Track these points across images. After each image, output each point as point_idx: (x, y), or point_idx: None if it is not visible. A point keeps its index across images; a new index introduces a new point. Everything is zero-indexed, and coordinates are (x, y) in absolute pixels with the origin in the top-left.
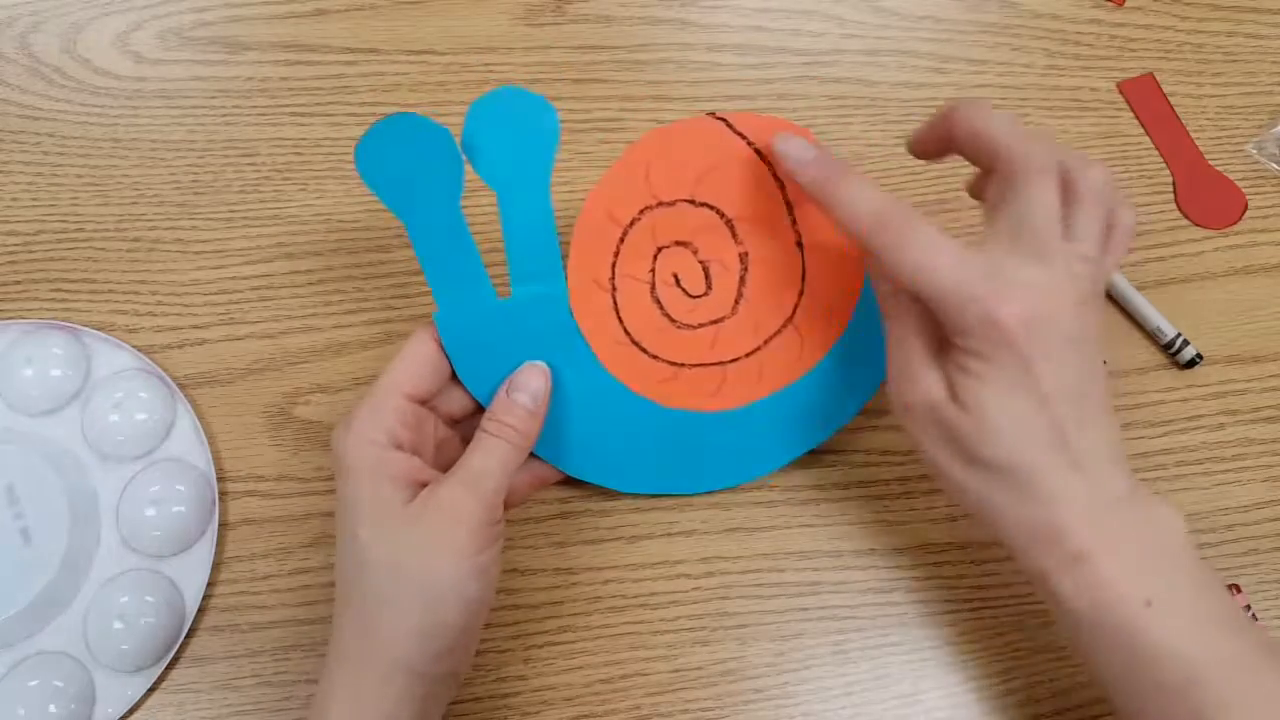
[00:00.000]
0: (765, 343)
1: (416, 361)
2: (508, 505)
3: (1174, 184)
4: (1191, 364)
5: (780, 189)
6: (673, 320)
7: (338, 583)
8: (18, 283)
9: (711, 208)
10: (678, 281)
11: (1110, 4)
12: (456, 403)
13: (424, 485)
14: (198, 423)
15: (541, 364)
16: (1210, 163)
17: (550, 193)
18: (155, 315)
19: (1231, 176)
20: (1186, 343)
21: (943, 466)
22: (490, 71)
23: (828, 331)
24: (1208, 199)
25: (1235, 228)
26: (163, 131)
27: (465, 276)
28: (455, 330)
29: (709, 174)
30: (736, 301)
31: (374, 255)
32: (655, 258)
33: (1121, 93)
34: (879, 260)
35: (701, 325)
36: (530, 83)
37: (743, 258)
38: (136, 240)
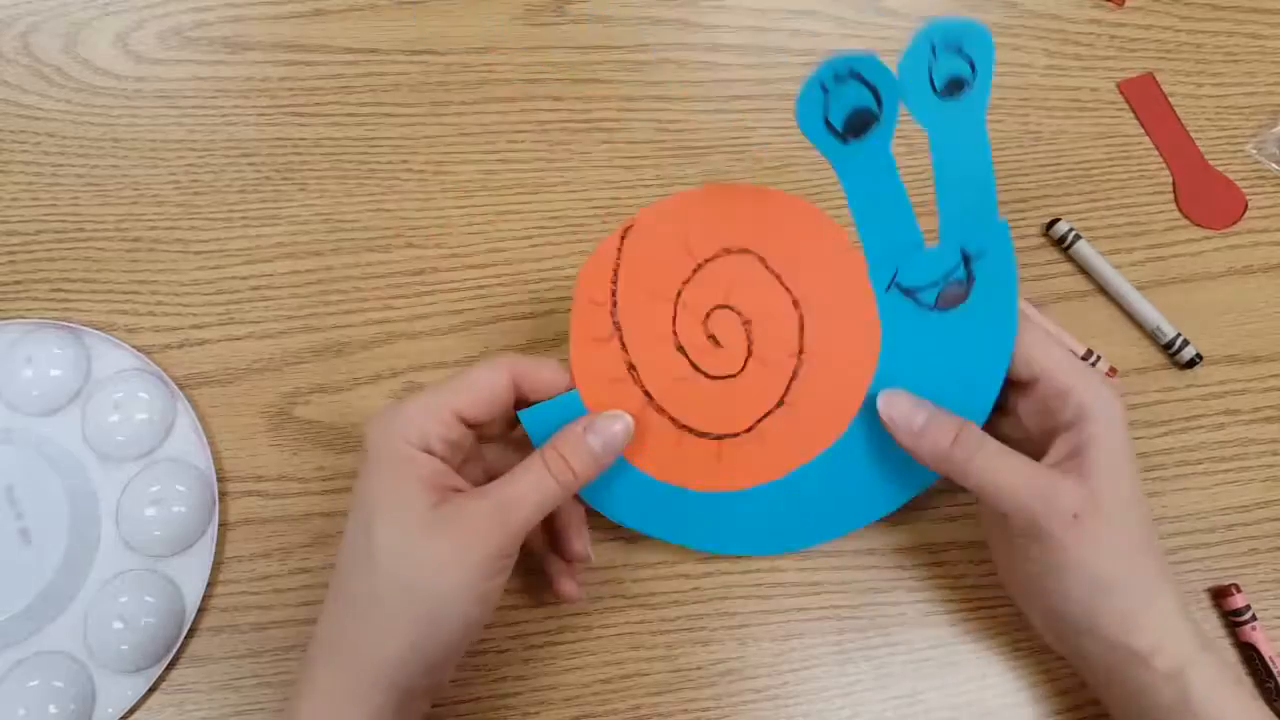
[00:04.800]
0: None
1: (480, 388)
2: None
3: (1174, 184)
4: (1191, 364)
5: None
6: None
7: (337, 572)
8: (18, 283)
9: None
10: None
11: (1110, 4)
12: (496, 425)
13: (450, 491)
14: (198, 423)
15: (627, 416)
16: (1210, 163)
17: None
18: (155, 315)
19: (1231, 176)
20: (1186, 343)
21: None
22: (490, 71)
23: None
24: (1208, 199)
25: (1235, 228)
26: (163, 131)
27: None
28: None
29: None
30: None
31: (374, 255)
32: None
33: (1121, 93)
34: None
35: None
36: (529, 83)
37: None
38: (136, 240)
